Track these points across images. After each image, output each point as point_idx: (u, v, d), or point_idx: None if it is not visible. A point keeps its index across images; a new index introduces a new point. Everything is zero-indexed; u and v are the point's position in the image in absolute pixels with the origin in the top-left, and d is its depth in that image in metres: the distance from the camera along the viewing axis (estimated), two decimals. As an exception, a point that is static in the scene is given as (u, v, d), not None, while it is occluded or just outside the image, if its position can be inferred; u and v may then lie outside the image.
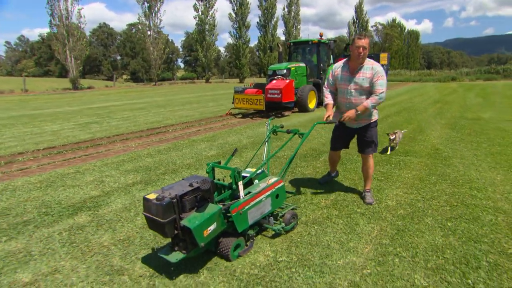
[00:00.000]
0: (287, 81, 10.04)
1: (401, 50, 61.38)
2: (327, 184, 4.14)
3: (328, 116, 3.38)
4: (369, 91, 3.26)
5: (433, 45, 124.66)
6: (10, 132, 8.39)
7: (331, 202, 3.58)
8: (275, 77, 10.67)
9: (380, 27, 53.95)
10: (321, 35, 12.26)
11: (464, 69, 42.58)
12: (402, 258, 2.49)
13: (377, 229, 2.95)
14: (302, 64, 11.62)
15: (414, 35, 69.83)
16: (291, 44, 12.94)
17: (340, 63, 3.43)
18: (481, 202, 3.48)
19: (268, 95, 9.82)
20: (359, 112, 3.19)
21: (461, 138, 6.54)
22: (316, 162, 5.15)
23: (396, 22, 60.63)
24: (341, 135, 3.62)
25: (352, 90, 3.30)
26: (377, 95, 3.18)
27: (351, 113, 3.21)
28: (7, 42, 74.01)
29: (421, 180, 4.18)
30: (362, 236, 2.84)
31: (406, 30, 67.55)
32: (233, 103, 10.68)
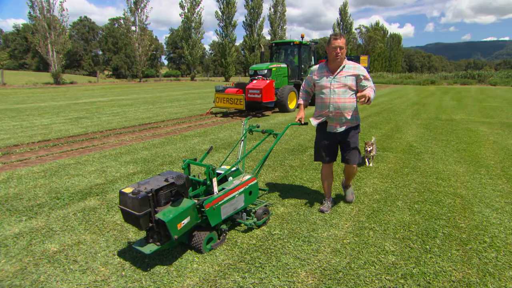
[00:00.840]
0: (268, 81, 10.26)
1: (384, 53, 63.31)
2: (317, 196, 4.42)
3: (301, 118, 3.36)
4: (354, 91, 3.15)
5: (415, 49, 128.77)
6: None
7: (316, 188, 4.06)
8: (256, 77, 10.89)
9: (364, 29, 55.34)
10: (302, 36, 12.62)
11: (443, 73, 44.58)
12: (376, 231, 2.99)
13: (356, 210, 3.44)
14: (284, 65, 11.85)
15: (397, 38, 72.17)
16: (273, 44, 13.18)
17: (317, 66, 3.34)
18: (444, 189, 4.04)
19: (249, 95, 10.01)
20: (371, 99, 2.92)
21: (433, 137, 7.19)
22: (302, 155, 5.62)
23: (380, 25, 62.41)
24: (326, 143, 3.33)
25: (336, 89, 3.11)
26: (372, 88, 3.08)
27: (367, 93, 2.88)
28: (-22, 33, 71.14)
29: (395, 172, 4.73)
30: (343, 215, 3.32)
31: (389, 33, 69.69)
32: (214, 102, 10.87)
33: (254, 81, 10.58)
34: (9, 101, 14.56)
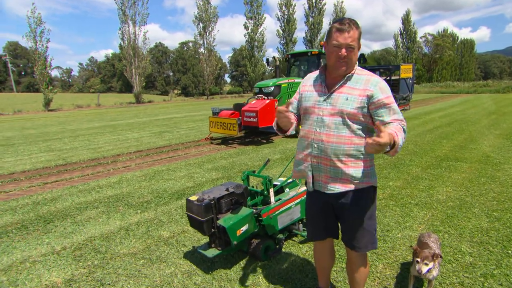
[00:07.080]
0: (267, 101, 8.31)
1: (453, 61, 58.66)
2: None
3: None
4: (359, 123, 1.76)
5: (491, 54, 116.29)
6: (103, 139, 10.04)
7: (388, 195, 4.23)
8: (257, 96, 9.28)
9: (430, 37, 52.19)
10: (322, 45, 10.52)
11: (529, 79, 39.66)
12: (451, 234, 3.10)
13: (429, 215, 3.56)
14: (298, 80, 9.70)
15: (468, 44, 66.44)
16: (289, 56, 11.45)
17: (314, 73, 2.01)
18: (528, 199, 3.91)
19: (245, 119, 8.18)
20: (388, 146, 1.49)
21: (515, 147, 6.73)
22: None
23: (448, 31, 58.27)
24: (314, 208, 2.02)
25: (327, 118, 1.79)
26: (401, 126, 1.65)
27: (389, 134, 1.46)
28: (80, 64, 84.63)
29: (470, 181, 4.66)
30: (416, 219, 3.47)
31: (459, 39, 64.56)
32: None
33: (253, 101, 8.82)
34: (105, 119, 16.99)
